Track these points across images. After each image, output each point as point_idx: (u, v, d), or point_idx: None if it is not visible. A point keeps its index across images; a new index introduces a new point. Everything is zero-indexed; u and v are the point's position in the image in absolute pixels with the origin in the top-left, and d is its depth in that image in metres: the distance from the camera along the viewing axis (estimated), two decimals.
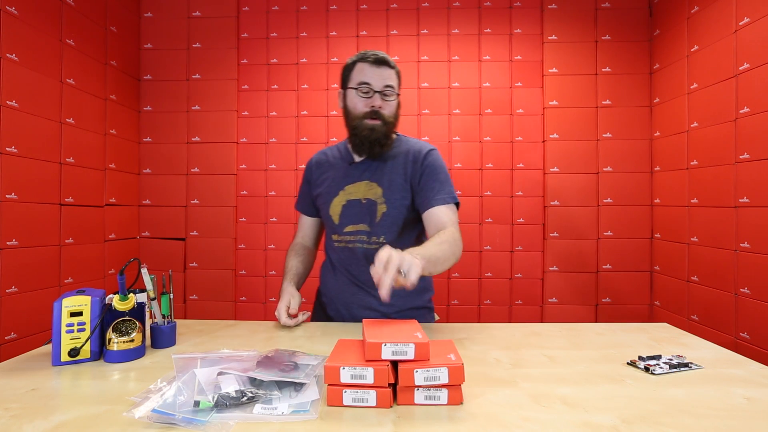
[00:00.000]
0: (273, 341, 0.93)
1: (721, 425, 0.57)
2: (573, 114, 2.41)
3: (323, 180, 1.15)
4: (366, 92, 1.05)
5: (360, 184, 1.10)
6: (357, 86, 1.05)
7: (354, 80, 1.07)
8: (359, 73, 1.06)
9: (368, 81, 1.04)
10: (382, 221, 1.07)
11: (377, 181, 1.09)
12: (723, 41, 1.85)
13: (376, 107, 1.05)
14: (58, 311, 0.78)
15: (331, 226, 1.13)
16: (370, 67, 1.05)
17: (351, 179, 1.11)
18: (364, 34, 2.49)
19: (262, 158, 2.49)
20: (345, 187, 1.11)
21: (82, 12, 2.01)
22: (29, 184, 1.70)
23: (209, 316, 2.42)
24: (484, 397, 0.65)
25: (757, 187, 1.66)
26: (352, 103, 1.07)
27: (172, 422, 0.56)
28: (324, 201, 1.13)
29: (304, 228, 1.25)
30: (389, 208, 1.07)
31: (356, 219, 1.09)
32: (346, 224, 1.10)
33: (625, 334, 0.98)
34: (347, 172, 1.12)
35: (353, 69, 1.08)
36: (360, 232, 1.08)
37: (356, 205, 1.09)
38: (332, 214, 1.11)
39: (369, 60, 1.05)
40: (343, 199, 1.10)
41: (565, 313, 2.38)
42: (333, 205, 1.11)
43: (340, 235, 1.11)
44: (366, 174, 1.10)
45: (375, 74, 1.04)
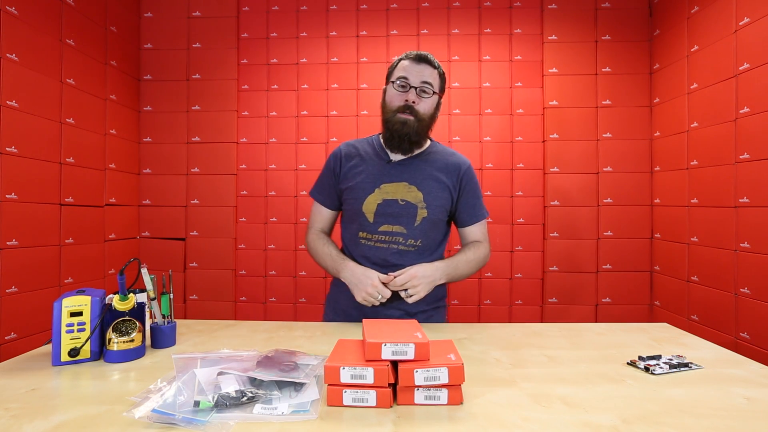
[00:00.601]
0: (273, 341, 0.93)
1: (721, 425, 0.57)
2: (573, 114, 2.41)
3: (355, 174, 1.12)
4: (402, 86, 1.06)
5: (399, 184, 1.09)
6: (395, 80, 1.07)
7: (394, 76, 1.08)
8: (400, 70, 1.07)
9: (406, 76, 1.05)
10: (421, 225, 1.08)
11: (417, 184, 1.09)
12: (723, 41, 1.85)
13: (410, 102, 1.05)
14: (58, 311, 0.78)
15: (360, 223, 1.10)
16: (411, 63, 1.07)
17: (388, 178, 1.10)
18: (364, 34, 2.49)
19: (262, 158, 2.49)
20: (381, 185, 1.09)
21: (82, 12, 2.01)
22: (29, 184, 1.70)
23: (209, 316, 2.42)
24: (484, 397, 0.65)
25: (757, 187, 1.66)
26: (389, 97, 1.09)
27: (172, 422, 0.56)
28: (356, 196, 1.10)
29: (324, 219, 1.19)
30: (429, 213, 1.09)
31: (393, 220, 1.08)
32: (381, 223, 1.08)
33: (625, 334, 0.98)
34: (384, 170, 1.11)
35: (396, 66, 1.09)
36: (396, 233, 1.08)
37: (393, 205, 1.08)
38: (366, 211, 1.09)
39: (411, 57, 1.07)
40: (379, 197, 1.08)
41: (565, 313, 2.38)
42: (368, 202, 1.09)
43: (372, 233, 1.09)
44: (405, 175, 1.10)
45: (414, 70, 1.06)
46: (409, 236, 1.08)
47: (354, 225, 1.12)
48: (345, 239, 1.17)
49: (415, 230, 1.08)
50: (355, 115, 2.46)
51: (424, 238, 1.09)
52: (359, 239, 1.10)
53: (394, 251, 1.08)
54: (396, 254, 1.07)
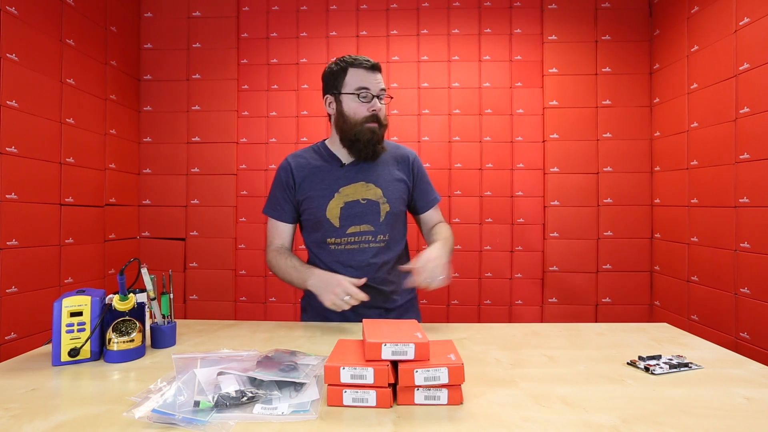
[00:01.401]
0: (273, 341, 0.93)
1: (721, 425, 0.57)
2: (573, 114, 2.41)
3: (311, 183, 1.13)
4: (365, 97, 1.08)
5: (356, 185, 1.12)
6: (356, 91, 1.08)
7: (350, 86, 1.09)
8: (356, 79, 1.09)
9: (367, 86, 1.08)
10: (386, 220, 1.12)
11: (373, 181, 1.13)
12: (723, 41, 1.85)
13: (376, 111, 1.09)
14: (58, 311, 0.78)
15: (327, 230, 1.11)
16: (367, 72, 1.09)
17: (344, 181, 1.12)
18: (364, 34, 2.49)
19: (262, 158, 2.49)
20: (339, 189, 1.11)
21: (82, 12, 2.01)
22: (29, 184, 1.70)
23: (209, 316, 2.42)
24: (484, 397, 0.65)
25: (757, 187, 1.66)
26: (350, 108, 1.09)
27: (172, 422, 0.56)
28: (317, 205, 1.11)
29: (282, 235, 1.17)
30: (391, 207, 1.13)
31: (359, 220, 1.10)
32: (348, 226, 1.10)
33: (625, 334, 0.98)
34: (339, 174, 1.13)
35: (346, 74, 1.10)
36: (365, 232, 1.11)
37: (356, 206, 1.11)
38: (330, 216, 1.10)
39: (364, 66, 1.09)
40: (340, 201, 1.11)
41: (565, 313, 2.38)
42: (330, 208, 1.10)
43: (341, 237, 1.10)
44: (360, 175, 1.13)
45: (372, 80, 1.09)
46: (377, 232, 1.11)
47: (319, 233, 1.13)
48: (311, 248, 1.17)
49: (382, 225, 1.12)
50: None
51: (390, 232, 1.13)
52: (328, 245, 1.11)
53: (366, 250, 1.10)
54: (367, 252, 1.10)
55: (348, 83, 1.09)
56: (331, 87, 1.13)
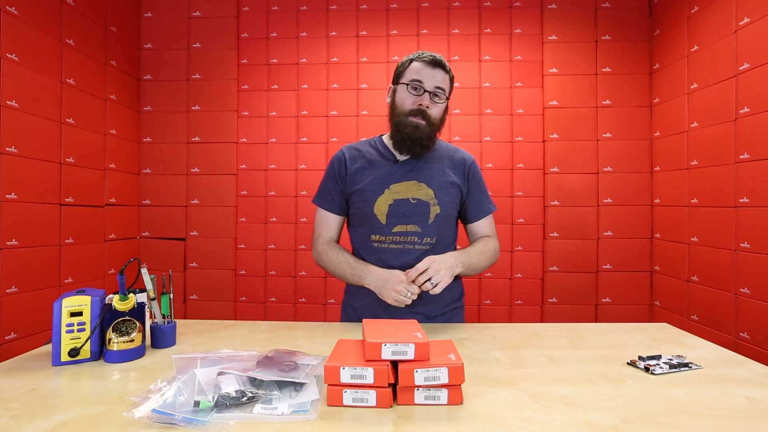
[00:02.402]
0: (273, 341, 0.93)
1: (721, 425, 0.57)
2: (573, 114, 2.41)
3: (363, 176, 1.10)
4: (416, 89, 1.05)
5: (408, 183, 1.08)
6: (408, 82, 1.05)
7: (407, 77, 1.06)
8: (414, 71, 1.05)
9: (420, 79, 1.04)
10: (435, 222, 1.07)
11: (426, 181, 1.08)
12: (723, 41, 1.85)
13: (424, 106, 1.04)
14: (58, 311, 0.78)
15: (372, 225, 1.07)
16: (425, 66, 1.05)
17: (396, 178, 1.08)
18: (364, 34, 2.49)
19: (262, 158, 2.49)
20: (390, 185, 1.08)
21: (82, 12, 2.01)
22: (29, 184, 1.70)
23: (209, 316, 2.42)
24: (484, 397, 0.65)
25: (757, 187, 1.66)
26: (400, 98, 1.07)
27: (172, 422, 0.56)
28: (365, 198, 1.08)
29: (331, 226, 1.15)
30: (442, 209, 1.08)
31: (406, 219, 1.06)
32: (394, 224, 1.06)
33: (625, 334, 0.98)
34: (392, 170, 1.09)
35: (408, 67, 1.07)
36: (411, 233, 1.06)
37: (405, 205, 1.06)
38: (377, 213, 1.07)
39: (425, 59, 1.05)
40: (390, 198, 1.07)
41: (565, 313, 2.38)
42: (378, 204, 1.07)
43: (386, 235, 1.07)
44: (412, 173, 1.09)
45: (428, 74, 1.04)
46: (424, 234, 1.06)
47: (364, 229, 1.09)
48: (355, 244, 1.15)
49: (430, 228, 1.07)
50: (355, 115, 2.46)
51: (438, 236, 1.08)
52: (371, 243, 1.08)
53: (410, 251, 1.06)
54: (411, 254, 1.06)
55: (406, 74, 1.07)
56: (394, 79, 1.11)
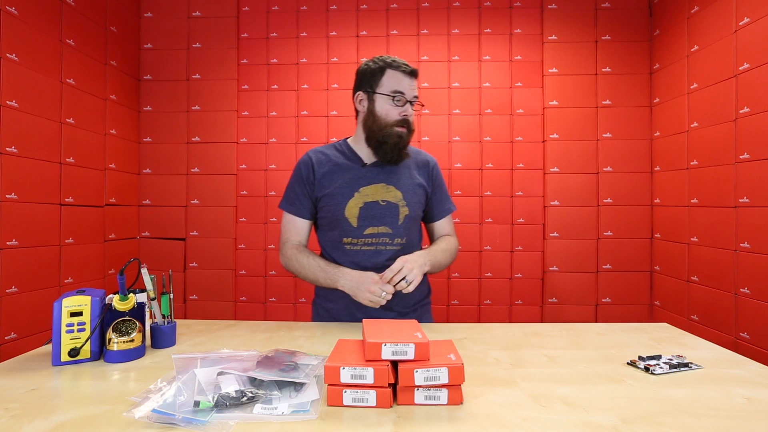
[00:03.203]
0: (273, 341, 0.93)
1: (721, 425, 0.57)
2: (573, 114, 2.41)
3: (331, 180, 1.12)
4: (399, 101, 1.08)
5: (376, 186, 1.11)
6: (391, 94, 1.08)
7: (386, 87, 1.08)
8: (392, 81, 1.08)
9: (403, 91, 1.08)
10: (404, 223, 1.11)
11: (394, 184, 1.12)
12: (723, 41, 1.85)
13: (408, 116, 1.09)
14: (58, 311, 0.78)
15: (344, 229, 1.09)
16: (404, 76, 1.09)
17: (365, 181, 1.11)
18: (364, 34, 2.49)
19: (262, 158, 2.49)
20: (360, 189, 1.10)
21: (82, 12, 2.01)
22: (29, 184, 1.70)
23: (209, 316, 2.42)
24: (484, 397, 0.65)
25: (757, 187, 1.66)
26: (383, 109, 1.09)
27: (172, 422, 0.56)
28: (336, 203, 1.10)
29: (299, 231, 1.15)
30: (411, 210, 1.12)
31: (377, 221, 1.09)
32: (366, 226, 1.09)
33: (625, 334, 0.98)
34: (360, 174, 1.12)
35: (383, 74, 1.09)
36: (382, 234, 1.09)
37: (375, 207, 1.10)
38: (348, 216, 1.09)
39: (403, 70, 1.09)
40: (360, 201, 1.09)
41: (565, 313, 2.38)
42: (349, 207, 1.09)
43: (358, 237, 1.09)
44: (381, 176, 1.12)
45: (408, 84, 1.09)
46: (395, 235, 1.10)
47: (335, 232, 1.11)
48: (325, 247, 1.16)
49: (400, 228, 1.11)
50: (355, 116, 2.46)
51: (408, 236, 1.12)
52: (344, 245, 1.10)
53: (382, 252, 1.09)
54: (384, 254, 1.09)
55: (384, 84, 1.09)
56: (365, 84, 1.12)
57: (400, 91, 1.07)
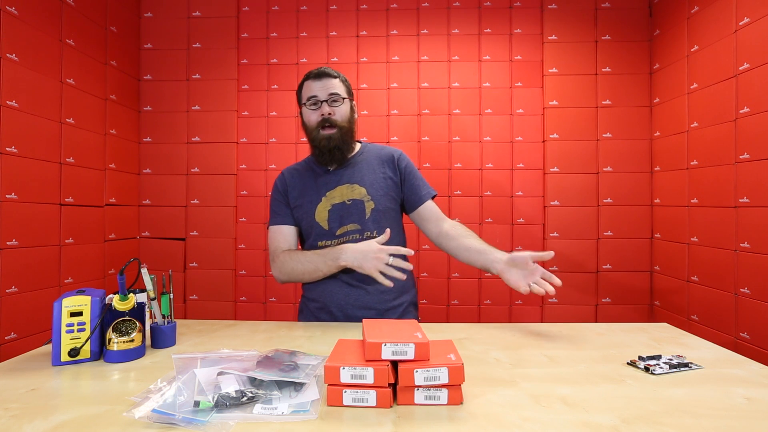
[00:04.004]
0: (273, 341, 0.93)
1: (721, 425, 0.57)
2: (573, 114, 2.41)
3: (301, 192, 1.18)
4: (314, 104, 1.13)
5: (341, 188, 1.15)
6: (306, 102, 1.14)
7: (303, 97, 1.16)
8: (306, 90, 1.15)
9: (314, 94, 1.13)
10: (372, 217, 1.14)
11: (357, 182, 1.16)
12: (723, 41, 1.85)
13: (326, 115, 1.11)
14: (58, 311, 0.78)
15: (318, 233, 1.14)
16: (314, 81, 1.13)
17: (330, 186, 1.16)
18: (364, 34, 2.49)
19: (262, 158, 2.49)
20: (326, 193, 1.16)
21: (82, 12, 2.01)
22: (29, 184, 1.70)
23: (209, 316, 2.42)
24: (484, 397, 0.65)
25: (757, 187, 1.66)
26: (306, 118, 1.15)
27: (172, 422, 0.56)
28: (306, 210, 1.16)
29: (288, 237, 1.18)
30: (376, 204, 1.15)
31: (346, 220, 1.13)
32: (336, 227, 1.13)
33: (625, 334, 0.98)
34: (324, 180, 1.17)
35: (302, 89, 1.17)
36: (352, 231, 1.13)
37: (342, 208, 1.14)
38: (319, 220, 1.14)
39: (312, 76, 1.14)
40: (327, 204, 1.15)
41: (565, 313, 2.38)
42: (318, 212, 1.15)
43: (331, 238, 1.14)
44: (343, 179, 1.17)
45: (318, 86, 1.13)
46: (364, 230, 1.13)
47: (311, 237, 1.16)
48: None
49: (368, 222, 1.13)
50: None
51: (378, 229, 1.13)
52: (319, 248, 1.13)
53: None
54: None
55: (303, 96, 1.16)
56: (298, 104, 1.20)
57: (312, 95, 1.12)
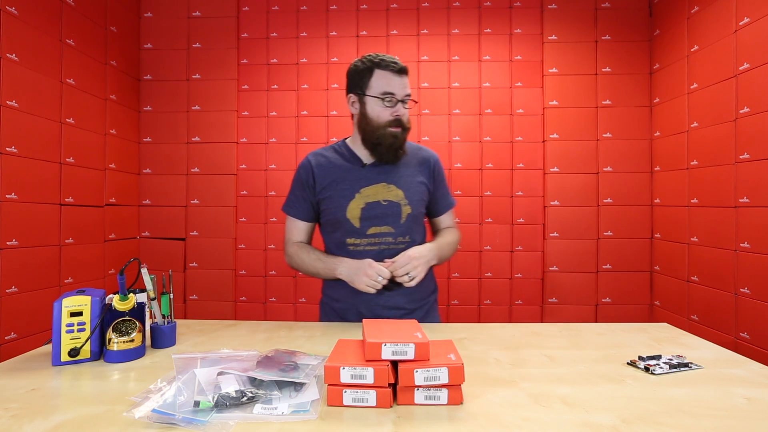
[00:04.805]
0: (273, 341, 0.93)
1: (721, 425, 0.57)
2: (573, 114, 2.41)
3: (331, 182, 1.12)
4: (390, 101, 1.06)
5: (377, 186, 1.10)
6: (381, 96, 1.05)
7: (375, 88, 1.06)
8: (382, 82, 1.06)
9: (393, 91, 1.05)
10: (406, 222, 1.11)
11: (395, 183, 1.11)
12: (723, 41, 1.85)
13: (400, 116, 1.07)
14: (58, 311, 0.78)
15: (347, 230, 1.10)
16: (394, 76, 1.06)
17: (366, 182, 1.11)
18: (364, 34, 2.49)
19: (262, 158, 2.49)
20: (360, 189, 1.10)
21: (82, 12, 2.01)
22: (29, 184, 1.70)
23: (209, 316, 2.42)
24: (484, 397, 0.65)
25: (757, 187, 1.66)
26: (374, 112, 1.07)
27: (172, 422, 0.56)
28: (336, 204, 1.10)
29: (302, 233, 1.17)
30: (412, 209, 1.11)
31: (379, 221, 1.09)
32: (368, 226, 1.09)
33: (625, 334, 0.98)
34: (360, 175, 1.11)
35: (372, 75, 1.06)
36: (385, 233, 1.09)
37: (377, 207, 1.09)
38: (350, 217, 1.09)
39: (391, 69, 1.05)
40: (361, 202, 1.09)
41: (565, 313, 2.38)
42: (350, 209, 1.09)
43: (361, 237, 1.09)
44: (381, 176, 1.11)
45: (399, 84, 1.06)
46: (397, 234, 1.10)
47: (338, 233, 1.12)
48: (330, 249, 1.17)
49: (402, 227, 1.10)
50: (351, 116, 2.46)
51: (411, 234, 1.12)
52: (347, 246, 1.11)
53: (385, 252, 1.09)
54: (387, 254, 1.09)
55: (373, 85, 1.06)
56: (355, 86, 1.10)
57: (390, 91, 1.05)
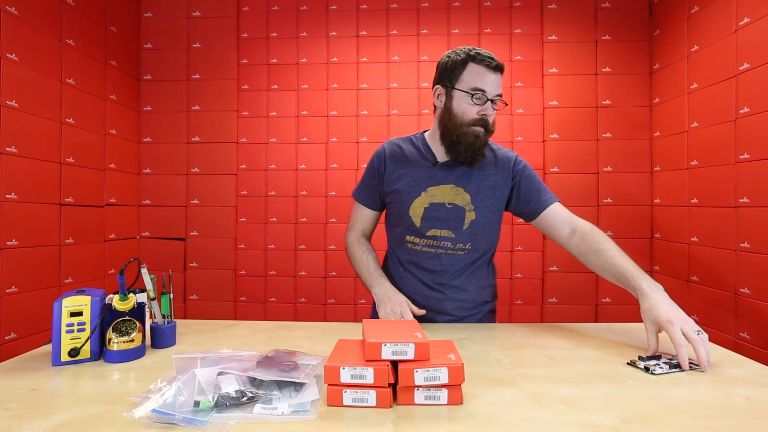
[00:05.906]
0: (273, 341, 0.93)
1: (721, 425, 0.56)
2: (573, 114, 2.41)
3: (401, 176, 1.08)
4: (479, 99, 0.98)
5: (445, 187, 1.05)
6: (471, 91, 0.98)
7: (466, 82, 0.99)
8: (475, 77, 0.99)
9: (485, 89, 0.98)
10: (469, 228, 1.05)
11: (464, 186, 1.05)
12: (723, 41, 1.85)
13: (487, 116, 1.00)
14: (58, 311, 0.78)
15: (407, 227, 1.07)
16: (488, 72, 0.99)
17: (435, 181, 1.05)
18: (364, 34, 2.49)
19: (262, 158, 2.49)
20: (428, 188, 1.05)
21: (82, 12, 2.01)
22: (29, 184, 1.70)
23: (209, 316, 2.42)
24: (484, 397, 0.65)
25: (757, 187, 1.66)
26: (460, 107, 1.00)
27: (172, 422, 0.56)
28: (402, 200, 1.06)
29: (366, 221, 1.17)
30: (478, 215, 1.05)
31: (441, 224, 1.05)
32: (428, 228, 1.05)
33: (625, 334, 0.98)
34: (430, 173, 1.06)
35: (465, 68, 1.00)
36: (444, 238, 1.05)
37: (440, 209, 1.04)
38: (413, 215, 1.06)
39: (486, 64, 0.99)
40: (426, 201, 1.05)
41: (565, 313, 2.38)
42: (414, 207, 1.06)
43: (419, 237, 1.06)
44: (451, 177, 1.05)
45: (491, 81, 0.99)
46: (457, 240, 1.05)
47: (400, 228, 1.09)
48: (391, 241, 1.15)
49: (463, 234, 1.05)
50: (355, 115, 2.46)
51: (473, 242, 1.06)
52: (405, 242, 1.09)
53: (442, 256, 1.06)
54: (444, 259, 1.06)
55: (464, 79, 0.99)
56: (444, 78, 1.03)
57: (481, 88, 0.97)
